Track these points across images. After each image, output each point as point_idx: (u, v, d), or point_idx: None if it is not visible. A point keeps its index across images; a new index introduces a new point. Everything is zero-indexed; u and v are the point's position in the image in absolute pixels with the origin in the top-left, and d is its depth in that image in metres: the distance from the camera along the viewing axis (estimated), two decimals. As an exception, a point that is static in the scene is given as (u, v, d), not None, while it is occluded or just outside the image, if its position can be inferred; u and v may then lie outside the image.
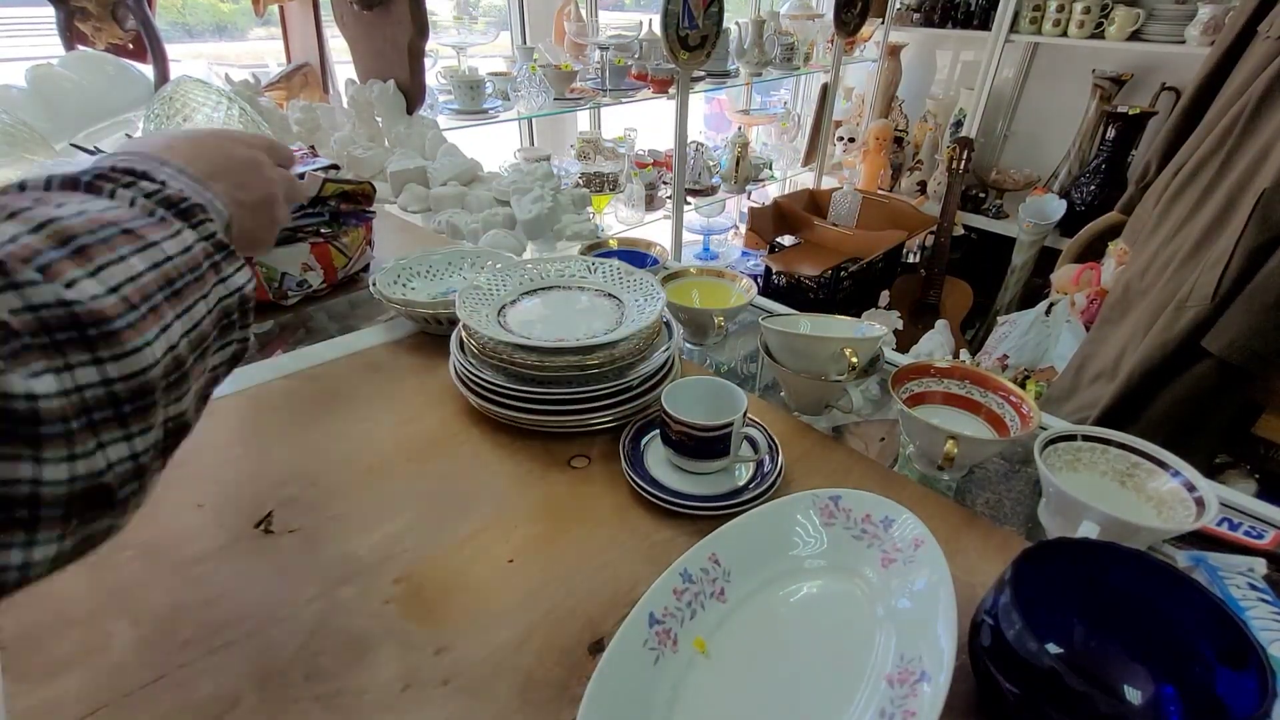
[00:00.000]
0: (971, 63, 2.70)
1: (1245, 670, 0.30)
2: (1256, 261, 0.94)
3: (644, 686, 0.34)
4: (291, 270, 0.74)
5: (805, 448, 0.55)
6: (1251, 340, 0.93)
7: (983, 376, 0.55)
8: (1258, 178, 0.98)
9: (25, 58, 1.15)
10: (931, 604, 0.35)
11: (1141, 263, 1.20)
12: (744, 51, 2.10)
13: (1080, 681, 0.28)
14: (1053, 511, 0.47)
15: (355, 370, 0.64)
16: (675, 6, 1.53)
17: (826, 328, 0.62)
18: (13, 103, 1.06)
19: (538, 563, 0.43)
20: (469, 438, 0.55)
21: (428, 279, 0.75)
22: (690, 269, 0.76)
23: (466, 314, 0.55)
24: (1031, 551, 0.35)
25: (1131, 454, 0.48)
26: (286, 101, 1.39)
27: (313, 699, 0.34)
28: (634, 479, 0.49)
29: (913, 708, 0.31)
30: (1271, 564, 0.44)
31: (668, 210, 1.99)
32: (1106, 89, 2.24)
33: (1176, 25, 2.03)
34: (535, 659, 0.37)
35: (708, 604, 0.39)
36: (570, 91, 1.71)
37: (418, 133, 1.25)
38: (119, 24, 1.27)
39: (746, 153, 2.28)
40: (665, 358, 0.58)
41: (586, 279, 0.64)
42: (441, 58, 1.71)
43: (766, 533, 0.43)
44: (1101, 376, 1.19)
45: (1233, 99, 1.10)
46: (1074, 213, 2.24)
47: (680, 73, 1.69)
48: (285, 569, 0.42)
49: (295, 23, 1.50)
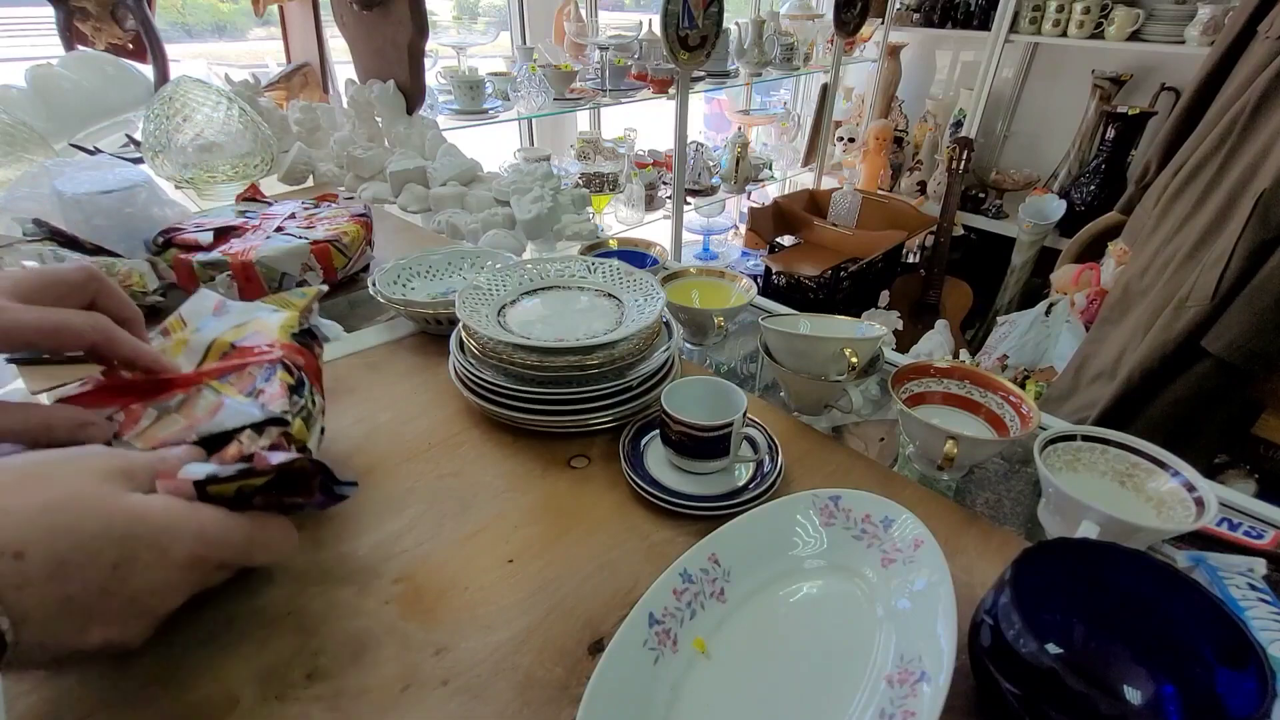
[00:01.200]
0: (971, 63, 2.70)
1: (1245, 670, 0.30)
2: (1256, 261, 0.94)
3: (644, 687, 0.34)
4: (291, 270, 0.74)
5: (805, 448, 0.55)
6: (1251, 340, 0.93)
7: (982, 376, 0.55)
8: (1258, 178, 0.98)
9: (25, 58, 1.15)
10: (931, 604, 0.35)
11: (1141, 263, 1.20)
12: (744, 51, 2.10)
13: (1080, 682, 0.28)
14: (1052, 511, 0.47)
15: (355, 370, 0.64)
16: (675, 6, 1.53)
17: (826, 328, 0.62)
18: (13, 103, 1.06)
19: (538, 563, 0.43)
20: (469, 438, 0.55)
21: (427, 279, 0.75)
22: (690, 269, 0.76)
23: (466, 314, 0.55)
24: (1031, 551, 0.35)
25: (1131, 454, 0.48)
26: (286, 101, 1.39)
27: (313, 699, 0.34)
28: (634, 479, 0.49)
29: (913, 708, 0.31)
30: (1271, 564, 0.44)
31: (668, 210, 1.99)
32: (1106, 89, 2.24)
33: (1176, 25, 2.03)
34: (535, 659, 0.37)
35: (707, 604, 0.39)
36: (570, 91, 1.71)
37: (418, 133, 1.25)
38: (119, 24, 1.27)
39: (746, 153, 2.29)
40: (665, 358, 0.58)
41: (586, 279, 0.64)
42: (441, 58, 1.71)
43: (766, 533, 0.43)
44: (1101, 376, 1.19)
45: (1232, 99, 1.10)
46: (1074, 213, 2.24)
47: (680, 73, 1.69)
48: (285, 569, 0.42)
49: (295, 23, 1.50)
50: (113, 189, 0.78)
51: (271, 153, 1.12)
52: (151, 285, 0.72)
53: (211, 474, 0.32)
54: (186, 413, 0.38)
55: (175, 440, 0.36)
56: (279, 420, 0.37)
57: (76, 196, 0.76)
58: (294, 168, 1.18)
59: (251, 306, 0.47)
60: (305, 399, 0.39)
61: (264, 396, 0.38)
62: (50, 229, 0.72)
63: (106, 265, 0.70)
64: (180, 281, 0.73)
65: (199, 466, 0.33)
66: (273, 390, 0.38)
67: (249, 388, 0.39)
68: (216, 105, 1.05)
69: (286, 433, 0.37)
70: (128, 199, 0.78)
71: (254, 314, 0.46)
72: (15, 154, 0.95)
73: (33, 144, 0.98)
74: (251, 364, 0.41)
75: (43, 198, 0.79)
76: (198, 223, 0.78)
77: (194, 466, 0.33)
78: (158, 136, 1.01)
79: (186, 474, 0.32)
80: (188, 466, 0.33)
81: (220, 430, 0.36)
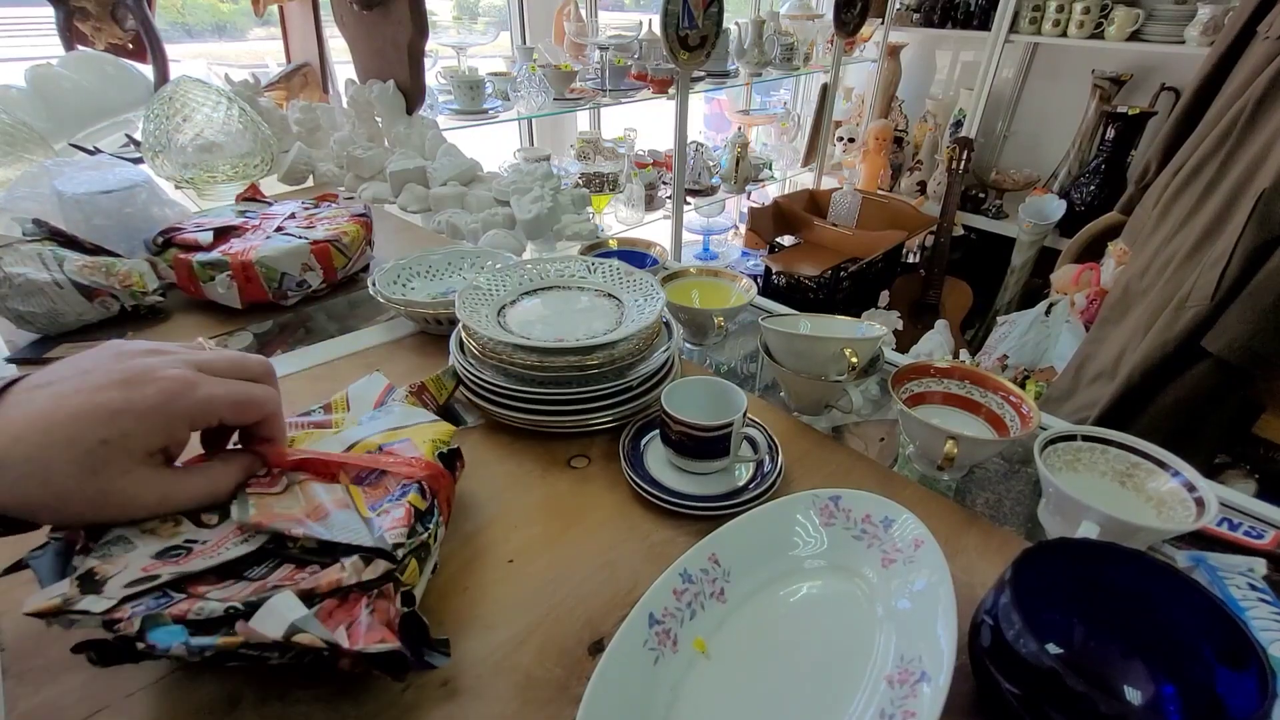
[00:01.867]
0: (971, 63, 2.70)
1: (1245, 670, 0.30)
2: (1256, 261, 0.94)
3: (644, 687, 0.34)
4: (291, 270, 0.74)
5: (805, 448, 0.55)
6: (1251, 340, 0.93)
7: (982, 376, 0.55)
8: (1258, 178, 0.98)
9: (25, 58, 1.15)
10: (931, 604, 0.35)
11: (1141, 263, 1.20)
12: (744, 51, 2.10)
13: (1080, 682, 0.28)
14: (1053, 511, 0.47)
15: (355, 370, 0.64)
16: (675, 6, 1.53)
17: (826, 328, 0.62)
18: (13, 103, 1.06)
19: (538, 563, 0.43)
20: (469, 437, 0.55)
21: (427, 279, 0.75)
22: (690, 269, 0.76)
23: (466, 314, 0.55)
24: (1031, 551, 0.35)
25: (1131, 454, 0.48)
26: (286, 101, 1.39)
27: (313, 699, 0.34)
28: (634, 479, 0.49)
29: (912, 708, 0.31)
30: (1271, 564, 0.44)
31: (667, 210, 1.99)
32: (1106, 89, 2.25)
33: (1176, 25, 2.03)
34: (535, 659, 0.37)
35: (707, 604, 0.39)
36: (570, 91, 1.71)
37: (418, 133, 1.25)
38: (119, 24, 1.27)
39: (746, 153, 2.29)
40: (665, 358, 0.58)
41: (586, 279, 0.64)
42: (441, 58, 1.71)
43: (766, 533, 0.43)
44: (1101, 376, 1.19)
45: (1232, 99, 1.10)
46: (1074, 213, 2.24)
47: (680, 73, 1.69)
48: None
49: (295, 23, 1.50)
50: (113, 189, 0.78)
51: (271, 153, 1.12)
52: (151, 285, 0.73)
53: (296, 626, 0.30)
54: (307, 494, 0.38)
55: (288, 521, 0.35)
56: (389, 556, 0.34)
57: (76, 196, 0.76)
58: (294, 168, 1.18)
59: (413, 413, 0.47)
60: (428, 531, 0.38)
61: (387, 519, 0.36)
62: (50, 229, 0.72)
63: (106, 265, 0.70)
64: (180, 281, 0.73)
65: (288, 607, 0.31)
66: (397, 515, 0.37)
67: (378, 503, 0.38)
68: (216, 105, 1.05)
69: (395, 576, 0.34)
70: (128, 199, 0.79)
71: (413, 420, 0.46)
72: (15, 154, 0.95)
73: (33, 144, 0.98)
74: (391, 477, 0.40)
75: (43, 198, 0.79)
76: (198, 223, 0.78)
77: (282, 606, 0.31)
78: (158, 136, 1.01)
79: (264, 624, 0.30)
80: (276, 606, 0.31)
81: (327, 539, 0.35)
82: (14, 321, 0.67)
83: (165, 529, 0.35)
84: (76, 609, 0.30)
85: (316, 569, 0.34)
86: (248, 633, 0.30)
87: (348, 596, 0.33)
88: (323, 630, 0.31)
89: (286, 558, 0.35)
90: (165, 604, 0.31)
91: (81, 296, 0.68)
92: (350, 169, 1.20)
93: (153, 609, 0.30)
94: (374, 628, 0.31)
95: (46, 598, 0.30)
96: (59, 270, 0.67)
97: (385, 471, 0.40)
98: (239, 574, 0.34)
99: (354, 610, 0.32)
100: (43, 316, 0.66)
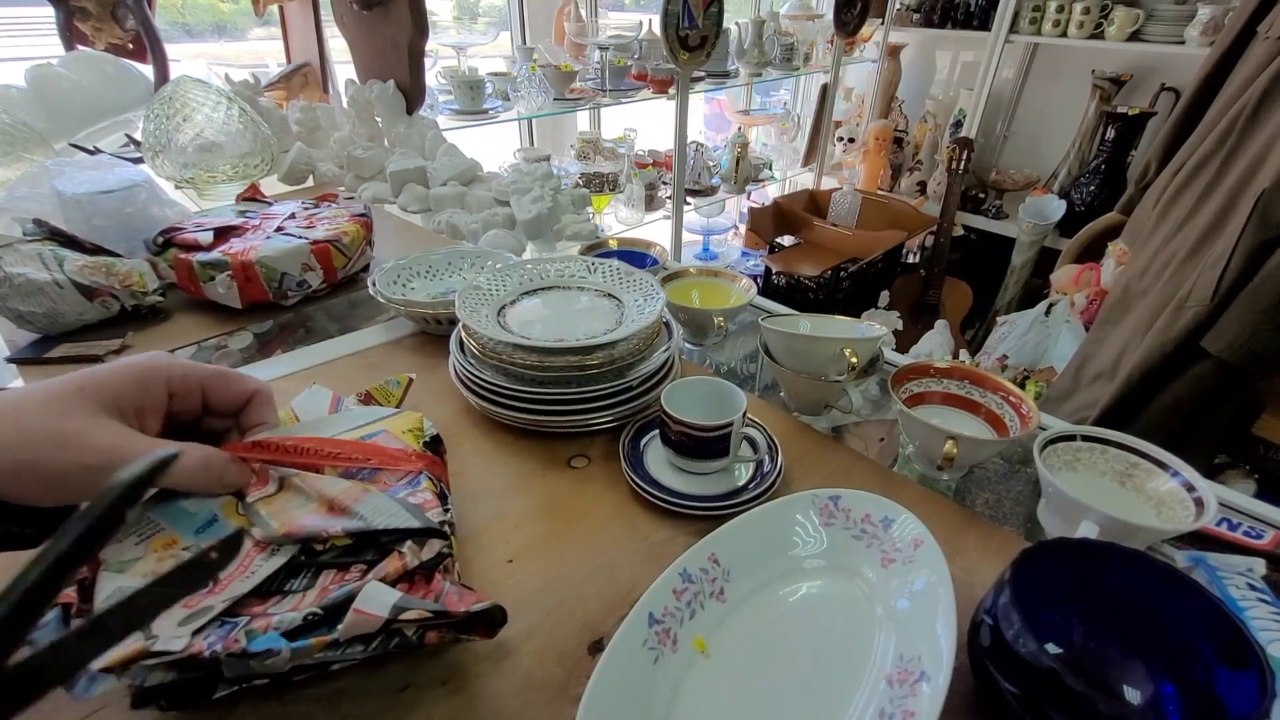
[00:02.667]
0: (971, 63, 2.70)
1: (1245, 670, 0.30)
2: (1256, 261, 0.94)
3: (643, 686, 0.34)
4: (291, 270, 0.74)
5: (805, 448, 0.55)
6: (1251, 341, 0.93)
7: (982, 377, 0.55)
8: (1258, 178, 0.98)
9: (25, 58, 1.15)
10: (931, 604, 0.35)
11: (1141, 263, 1.20)
12: (744, 52, 2.10)
13: (1080, 682, 0.28)
14: (1052, 511, 0.47)
15: (355, 370, 0.64)
16: (675, 6, 1.53)
17: (826, 328, 0.62)
18: (13, 103, 1.06)
19: (538, 563, 0.43)
20: (469, 438, 0.55)
21: (427, 279, 0.75)
22: (690, 269, 0.76)
23: (466, 314, 0.55)
24: (1031, 551, 0.35)
25: (1131, 454, 0.48)
26: (286, 101, 1.39)
27: (313, 699, 0.34)
28: (634, 479, 0.49)
29: (912, 708, 0.31)
30: (1271, 564, 0.44)
31: (667, 210, 1.99)
32: (1106, 89, 2.25)
33: (1176, 26, 2.03)
34: (535, 659, 0.37)
35: (707, 604, 0.39)
36: (570, 92, 1.71)
37: (418, 133, 1.25)
38: (119, 24, 1.27)
39: (746, 153, 2.29)
40: (665, 358, 0.58)
41: (586, 279, 0.64)
42: (441, 58, 1.71)
43: (766, 533, 0.43)
44: (1101, 377, 1.19)
45: (1232, 99, 1.10)
46: (1073, 213, 2.24)
47: (680, 73, 1.69)
48: (285, 569, 0.42)
49: (295, 23, 1.51)
50: (113, 189, 0.78)
51: (271, 153, 1.12)
52: (151, 285, 0.73)
53: (399, 605, 0.31)
54: (313, 489, 0.37)
55: (316, 521, 0.35)
56: (440, 534, 0.35)
57: (76, 196, 0.76)
58: (294, 168, 1.18)
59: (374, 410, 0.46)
60: (450, 511, 0.38)
61: (417, 499, 0.37)
62: (50, 229, 0.72)
63: (107, 265, 0.70)
64: (180, 281, 0.73)
65: (382, 592, 0.32)
66: (426, 497, 0.37)
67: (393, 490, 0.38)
68: (216, 105, 1.05)
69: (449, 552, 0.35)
70: (128, 199, 0.79)
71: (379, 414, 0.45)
72: (15, 154, 0.95)
73: (33, 144, 0.98)
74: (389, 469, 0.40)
75: (43, 198, 0.79)
76: (198, 222, 0.78)
77: (377, 592, 0.32)
78: (158, 136, 1.01)
79: (369, 604, 0.31)
80: (372, 593, 0.31)
81: (368, 529, 0.35)
82: (14, 321, 0.67)
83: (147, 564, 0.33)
84: (156, 649, 0.29)
85: (364, 568, 0.34)
86: (356, 618, 0.30)
87: (414, 578, 0.34)
88: (424, 603, 0.32)
89: (322, 565, 0.35)
90: (231, 629, 0.30)
91: (82, 296, 0.68)
92: (350, 169, 1.20)
93: (223, 637, 0.30)
94: (464, 594, 0.34)
95: (120, 651, 0.28)
96: (59, 270, 0.67)
97: (379, 469, 0.40)
98: (281, 590, 0.34)
99: (433, 585, 0.34)
100: (43, 316, 0.66)
